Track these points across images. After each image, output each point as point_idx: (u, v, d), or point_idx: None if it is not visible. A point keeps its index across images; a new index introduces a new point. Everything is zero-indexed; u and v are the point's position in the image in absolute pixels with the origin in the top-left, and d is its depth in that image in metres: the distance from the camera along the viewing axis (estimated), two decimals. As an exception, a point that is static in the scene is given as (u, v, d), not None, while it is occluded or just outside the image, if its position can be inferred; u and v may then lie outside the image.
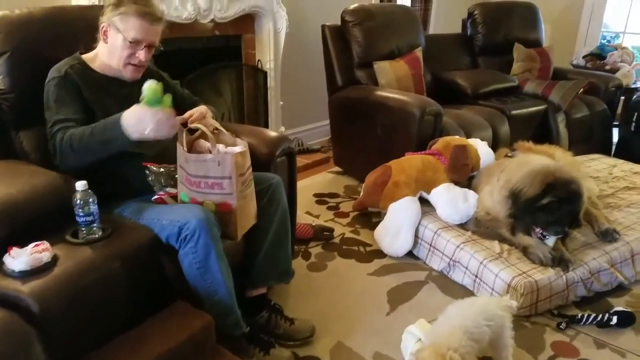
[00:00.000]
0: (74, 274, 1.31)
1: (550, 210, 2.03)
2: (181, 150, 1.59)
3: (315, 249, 2.50)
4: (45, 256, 1.30)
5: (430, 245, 2.35)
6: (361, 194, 2.75)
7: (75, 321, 1.30)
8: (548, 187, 2.04)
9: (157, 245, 1.53)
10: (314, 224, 2.62)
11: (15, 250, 1.30)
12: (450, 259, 2.23)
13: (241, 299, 1.68)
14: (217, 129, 1.69)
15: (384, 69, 3.21)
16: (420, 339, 1.67)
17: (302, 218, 2.77)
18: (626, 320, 1.90)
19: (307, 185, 3.37)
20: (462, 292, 2.13)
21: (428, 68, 3.54)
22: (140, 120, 1.47)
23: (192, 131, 1.71)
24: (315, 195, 3.20)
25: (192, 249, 1.48)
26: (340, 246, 2.54)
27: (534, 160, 2.24)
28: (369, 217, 2.80)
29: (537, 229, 2.08)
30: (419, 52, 3.40)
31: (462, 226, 2.35)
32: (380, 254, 2.46)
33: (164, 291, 1.57)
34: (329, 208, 3.02)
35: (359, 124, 3.18)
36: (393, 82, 3.19)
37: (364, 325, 1.93)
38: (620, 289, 2.16)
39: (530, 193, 2.07)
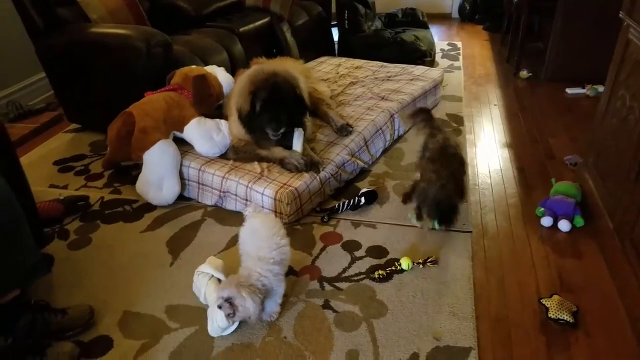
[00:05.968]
0: None
1: (267, 111, 2.18)
2: None
3: (73, 224, 2.22)
4: None
5: (199, 183, 2.31)
6: (107, 150, 2.48)
7: None
8: (254, 96, 2.18)
9: None
10: (61, 197, 2.30)
11: None
12: (220, 191, 2.25)
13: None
14: None
15: (90, 2, 2.80)
16: (212, 276, 1.69)
17: (46, 194, 2.39)
18: (371, 197, 2.25)
19: (43, 154, 2.89)
20: (239, 219, 2.12)
21: (143, -6, 3.22)
22: None
23: None
24: (57, 162, 2.79)
25: None
26: (102, 212, 2.31)
27: (243, 75, 2.32)
28: (127, 171, 2.55)
29: (271, 132, 2.23)
30: (127, -22, 3.03)
31: (224, 157, 2.36)
32: (149, 206, 2.32)
33: None
34: (77, 173, 2.67)
35: (82, 71, 2.78)
36: (106, 16, 2.83)
37: (148, 284, 1.84)
38: (362, 173, 2.53)
39: (245, 108, 2.19)
